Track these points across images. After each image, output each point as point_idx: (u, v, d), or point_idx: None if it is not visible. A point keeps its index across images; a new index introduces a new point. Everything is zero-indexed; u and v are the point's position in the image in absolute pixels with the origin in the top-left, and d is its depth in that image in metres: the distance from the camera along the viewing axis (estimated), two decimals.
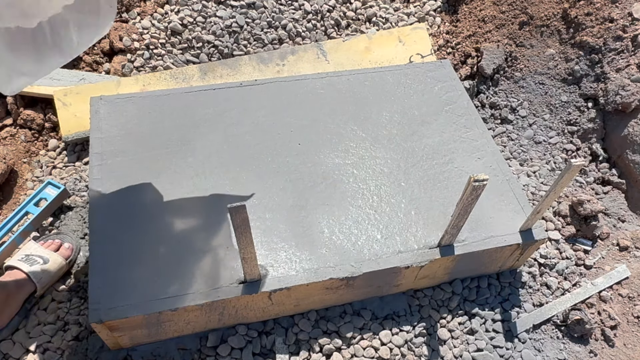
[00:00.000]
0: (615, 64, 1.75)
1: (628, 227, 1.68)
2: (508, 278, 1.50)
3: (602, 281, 1.55)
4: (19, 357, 1.26)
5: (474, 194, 1.06)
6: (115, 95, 1.53)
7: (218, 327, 1.30)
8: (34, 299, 1.33)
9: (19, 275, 1.28)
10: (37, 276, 1.28)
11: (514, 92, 1.89)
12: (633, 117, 1.73)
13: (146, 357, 1.26)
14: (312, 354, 1.31)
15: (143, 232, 1.25)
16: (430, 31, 2.14)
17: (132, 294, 1.14)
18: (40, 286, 1.30)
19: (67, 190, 1.55)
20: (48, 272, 1.31)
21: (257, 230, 1.28)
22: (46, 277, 1.31)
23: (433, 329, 1.39)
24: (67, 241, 1.41)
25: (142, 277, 1.17)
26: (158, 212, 1.29)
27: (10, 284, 1.25)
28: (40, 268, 1.30)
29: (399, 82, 1.68)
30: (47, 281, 1.32)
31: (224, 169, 1.39)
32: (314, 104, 1.58)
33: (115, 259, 1.19)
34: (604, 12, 1.77)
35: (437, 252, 1.29)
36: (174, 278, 1.18)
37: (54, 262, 1.33)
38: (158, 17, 1.98)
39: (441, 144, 1.53)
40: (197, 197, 1.33)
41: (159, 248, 1.22)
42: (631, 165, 1.72)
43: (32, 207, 1.49)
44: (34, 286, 1.29)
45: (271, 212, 1.32)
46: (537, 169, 1.77)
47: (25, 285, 1.28)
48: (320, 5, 2.07)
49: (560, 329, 1.46)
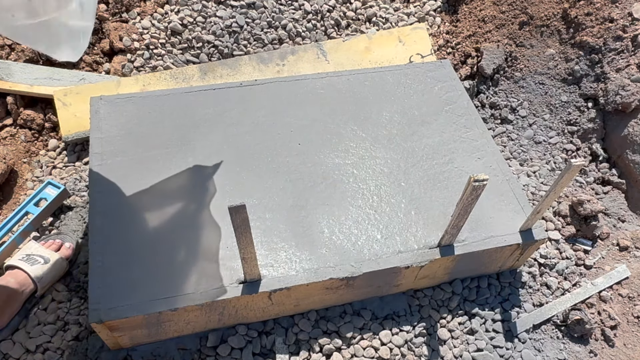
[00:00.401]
0: (615, 64, 1.75)
1: (628, 227, 1.68)
2: (508, 278, 1.50)
3: (602, 281, 1.55)
4: (19, 357, 1.26)
5: (474, 194, 1.06)
6: (115, 95, 1.53)
7: (218, 327, 1.30)
8: (34, 299, 1.33)
9: (20, 275, 1.28)
10: (38, 276, 1.28)
11: (514, 92, 1.89)
12: (633, 117, 1.73)
13: (146, 357, 1.26)
14: (312, 354, 1.31)
15: (143, 232, 1.25)
16: (430, 31, 2.14)
17: (132, 294, 1.14)
18: (41, 286, 1.30)
19: (67, 190, 1.55)
20: (49, 272, 1.31)
21: (257, 230, 1.28)
22: (47, 277, 1.31)
23: (433, 329, 1.39)
24: (68, 241, 1.41)
25: (142, 277, 1.17)
26: (158, 213, 1.29)
27: (11, 283, 1.25)
28: (41, 268, 1.30)
29: (399, 82, 1.68)
30: (48, 281, 1.32)
31: (224, 169, 1.39)
32: (314, 104, 1.58)
33: (115, 259, 1.19)
34: (604, 12, 1.77)
35: (437, 252, 1.29)
36: (173, 278, 1.18)
37: (55, 262, 1.33)
38: (158, 17, 1.98)
39: (441, 144, 1.53)
40: (197, 197, 1.33)
41: (159, 248, 1.22)
42: (631, 165, 1.72)
43: (32, 207, 1.49)
44: (34, 286, 1.29)
45: (271, 212, 1.32)
46: (537, 169, 1.77)
47: (26, 285, 1.28)
48: (320, 5, 2.07)
49: (560, 329, 1.46)
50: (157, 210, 1.29)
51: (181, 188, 1.34)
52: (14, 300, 1.26)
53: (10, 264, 1.31)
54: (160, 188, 1.34)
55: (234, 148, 1.44)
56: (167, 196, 1.32)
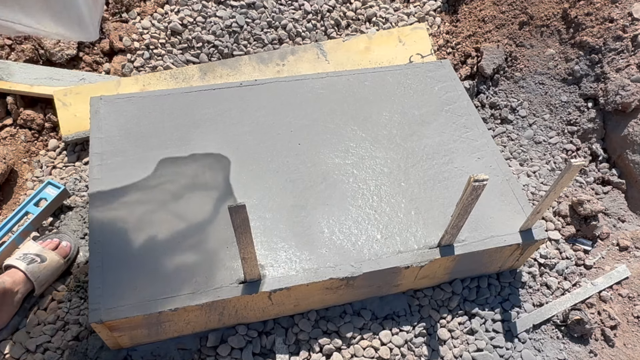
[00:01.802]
0: (615, 64, 1.75)
1: (628, 227, 1.68)
2: (508, 278, 1.50)
3: (602, 281, 1.55)
4: (18, 357, 1.26)
5: (474, 194, 1.06)
6: (115, 95, 1.53)
7: (218, 327, 1.30)
8: (33, 299, 1.33)
9: (17, 273, 1.28)
10: (34, 274, 1.29)
11: (514, 92, 1.89)
12: (633, 117, 1.73)
13: (146, 357, 1.26)
14: (312, 354, 1.31)
15: (143, 232, 1.25)
16: (430, 31, 2.14)
17: (132, 294, 1.14)
18: (38, 285, 1.30)
19: (67, 190, 1.55)
20: (46, 271, 1.32)
21: (257, 230, 1.28)
22: (44, 275, 1.31)
23: (433, 329, 1.39)
24: (66, 240, 1.41)
25: (142, 277, 1.17)
26: (158, 212, 1.29)
27: (7, 282, 1.25)
28: (38, 267, 1.30)
29: (399, 82, 1.68)
30: (45, 279, 1.32)
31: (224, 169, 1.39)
32: (314, 104, 1.58)
33: (115, 259, 1.19)
34: (604, 12, 1.77)
35: (437, 252, 1.29)
36: (173, 278, 1.18)
37: (52, 260, 1.33)
38: (158, 17, 1.98)
39: (441, 144, 1.53)
40: (197, 197, 1.33)
41: (159, 248, 1.22)
42: (631, 165, 1.72)
43: (32, 207, 1.49)
44: (31, 285, 1.29)
45: (271, 212, 1.32)
46: (537, 169, 1.77)
47: (23, 283, 1.28)
48: (320, 5, 2.07)
49: (560, 329, 1.46)
50: (157, 210, 1.29)
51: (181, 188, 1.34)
52: (10, 299, 1.26)
53: (8, 263, 1.31)
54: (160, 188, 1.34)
55: (234, 148, 1.44)
56: (167, 196, 1.32)
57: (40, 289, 1.32)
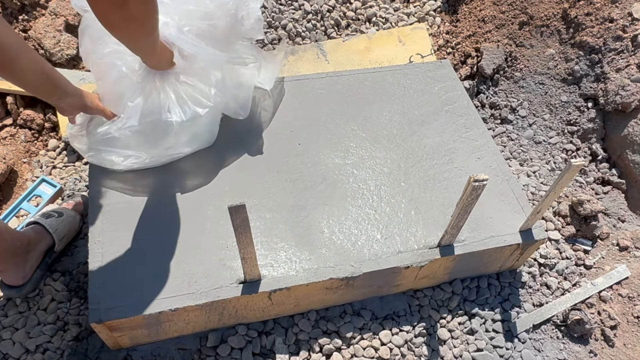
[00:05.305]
0: (615, 64, 1.75)
1: (628, 227, 1.68)
2: (508, 278, 1.50)
3: (602, 281, 1.55)
4: (18, 357, 1.26)
5: (474, 194, 1.06)
6: None
7: (218, 327, 1.30)
8: (54, 254, 1.37)
9: (37, 228, 1.34)
10: (52, 227, 1.35)
11: (514, 92, 1.89)
12: (633, 117, 1.73)
13: (146, 357, 1.26)
14: (312, 354, 1.31)
15: (143, 232, 1.25)
16: (430, 31, 2.14)
17: (131, 294, 1.14)
18: (57, 238, 1.35)
19: (62, 189, 1.56)
20: (63, 224, 1.38)
21: (257, 230, 1.27)
22: (62, 229, 1.37)
23: (433, 329, 1.39)
24: (78, 198, 1.50)
25: (141, 277, 1.17)
26: (158, 212, 1.29)
27: (28, 233, 1.30)
28: (56, 221, 1.37)
29: (399, 82, 1.68)
30: (64, 234, 1.38)
31: (224, 169, 1.39)
32: (314, 104, 1.58)
33: (115, 259, 1.19)
34: (604, 12, 1.77)
35: (437, 252, 1.29)
36: (173, 278, 1.18)
37: (68, 215, 1.41)
38: None
39: (441, 144, 1.53)
40: (197, 197, 1.33)
41: (159, 248, 1.22)
42: (631, 165, 1.72)
43: (26, 204, 1.50)
44: (51, 238, 1.34)
45: (271, 212, 1.32)
46: (537, 169, 1.77)
47: (43, 236, 1.33)
48: (320, 5, 2.07)
49: (560, 329, 1.46)
50: (157, 210, 1.29)
51: (181, 188, 1.34)
52: (33, 251, 1.30)
53: (29, 220, 1.37)
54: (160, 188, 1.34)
55: (234, 148, 1.44)
56: (167, 196, 1.32)
57: (60, 243, 1.37)
